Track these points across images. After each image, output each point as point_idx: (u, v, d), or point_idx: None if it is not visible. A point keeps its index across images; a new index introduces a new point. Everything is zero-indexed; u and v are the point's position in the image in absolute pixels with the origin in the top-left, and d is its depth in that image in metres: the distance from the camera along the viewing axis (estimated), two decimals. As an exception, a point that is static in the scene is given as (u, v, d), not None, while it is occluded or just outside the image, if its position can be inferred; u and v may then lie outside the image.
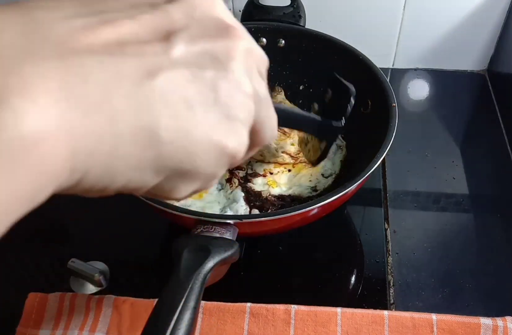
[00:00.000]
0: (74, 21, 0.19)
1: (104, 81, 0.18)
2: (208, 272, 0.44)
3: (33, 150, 0.17)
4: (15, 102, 0.16)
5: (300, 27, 0.72)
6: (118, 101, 0.18)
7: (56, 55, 0.18)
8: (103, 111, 0.18)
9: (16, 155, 0.16)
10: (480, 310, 0.57)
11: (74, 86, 0.18)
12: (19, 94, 0.16)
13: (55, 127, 0.17)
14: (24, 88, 0.16)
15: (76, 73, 0.18)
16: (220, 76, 0.21)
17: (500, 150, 0.75)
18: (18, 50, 0.17)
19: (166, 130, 0.20)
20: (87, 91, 0.18)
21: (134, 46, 0.19)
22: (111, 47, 0.19)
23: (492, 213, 0.67)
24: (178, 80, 0.20)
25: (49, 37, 0.18)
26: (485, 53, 0.85)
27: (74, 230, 0.68)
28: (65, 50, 0.18)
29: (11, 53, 0.17)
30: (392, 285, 0.59)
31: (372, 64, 0.65)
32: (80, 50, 0.18)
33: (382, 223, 0.66)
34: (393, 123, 0.58)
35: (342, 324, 0.53)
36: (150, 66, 0.19)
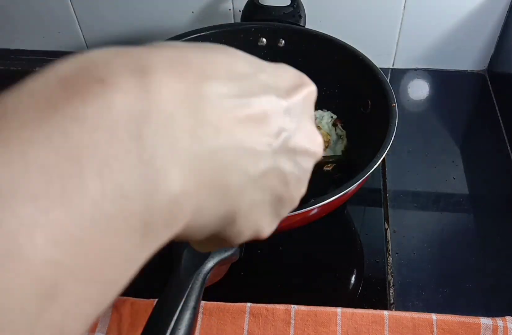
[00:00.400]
0: (229, 102, 0.21)
1: (225, 161, 0.21)
2: (208, 272, 0.44)
3: (177, 213, 0.19)
4: (163, 166, 0.18)
5: (300, 27, 0.72)
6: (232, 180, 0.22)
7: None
8: (219, 188, 0.21)
9: (167, 219, 0.19)
10: (480, 310, 0.57)
11: (203, 169, 0.20)
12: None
13: (188, 197, 0.20)
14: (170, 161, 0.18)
15: (209, 160, 0.20)
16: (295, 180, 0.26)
17: (500, 150, 0.75)
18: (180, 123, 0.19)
19: (239, 214, 0.23)
20: (212, 172, 0.20)
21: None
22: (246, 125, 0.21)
23: (492, 213, 0.67)
24: (271, 175, 0.24)
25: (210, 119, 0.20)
26: (485, 53, 0.85)
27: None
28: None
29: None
30: (392, 285, 0.59)
31: (372, 64, 0.65)
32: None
33: (382, 223, 0.66)
34: (393, 123, 0.58)
35: (342, 324, 0.53)
36: (258, 156, 0.22)
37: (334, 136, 0.73)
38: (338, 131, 0.73)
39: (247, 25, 0.74)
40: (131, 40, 0.90)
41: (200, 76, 0.20)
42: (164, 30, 0.85)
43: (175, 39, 0.71)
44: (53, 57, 0.93)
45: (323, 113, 0.76)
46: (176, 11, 0.84)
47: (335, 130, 0.74)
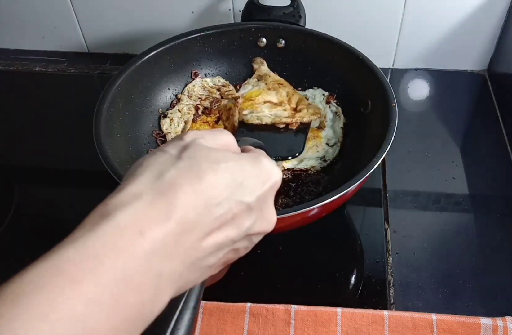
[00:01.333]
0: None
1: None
2: (208, 272, 0.44)
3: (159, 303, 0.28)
4: None
5: (300, 27, 0.72)
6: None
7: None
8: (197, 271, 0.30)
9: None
10: (480, 310, 0.57)
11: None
12: None
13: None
14: None
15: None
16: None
17: (500, 150, 0.75)
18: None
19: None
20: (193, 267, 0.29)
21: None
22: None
23: (492, 213, 0.67)
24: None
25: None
26: (485, 53, 0.85)
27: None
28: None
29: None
30: (392, 285, 0.59)
31: (372, 64, 0.65)
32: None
33: (382, 223, 0.66)
34: (393, 123, 0.58)
35: (342, 324, 0.53)
36: None
37: (330, 115, 0.73)
38: (333, 108, 0.73)
39: (247, 25, 0.74)
40: (131, 40, 0.90)
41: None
42: (164, 30, 0.85)
43: (175, 39, 0.71)
44: (53, 57, 0.93)
45: (315, 91, 0.75)
46: (176, 11, 0.84)
47: (329, 107, 0.73)
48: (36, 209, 0.71)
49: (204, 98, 0.75)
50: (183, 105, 0.73)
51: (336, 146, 0.70)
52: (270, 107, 0.72)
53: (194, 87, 0.75)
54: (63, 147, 0.78)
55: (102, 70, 0.90)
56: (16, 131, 0.82)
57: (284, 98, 0.73)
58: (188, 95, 0.74)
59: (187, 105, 0.73)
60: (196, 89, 0.75)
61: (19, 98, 0.87)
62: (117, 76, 0.66)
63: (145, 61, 0.69)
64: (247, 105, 0.73)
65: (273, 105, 0.72)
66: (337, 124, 0.72)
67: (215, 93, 0.75)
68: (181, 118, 0.72)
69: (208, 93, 0.75)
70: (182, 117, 0.72)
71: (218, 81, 0.77)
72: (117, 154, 0.60)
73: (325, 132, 0.71)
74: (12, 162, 0.77)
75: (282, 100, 0.73)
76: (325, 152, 0.69)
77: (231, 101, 0.74)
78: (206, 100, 0.74)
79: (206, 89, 0.75)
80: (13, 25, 0.91)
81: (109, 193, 0.30)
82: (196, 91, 0.75)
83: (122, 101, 0.66)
